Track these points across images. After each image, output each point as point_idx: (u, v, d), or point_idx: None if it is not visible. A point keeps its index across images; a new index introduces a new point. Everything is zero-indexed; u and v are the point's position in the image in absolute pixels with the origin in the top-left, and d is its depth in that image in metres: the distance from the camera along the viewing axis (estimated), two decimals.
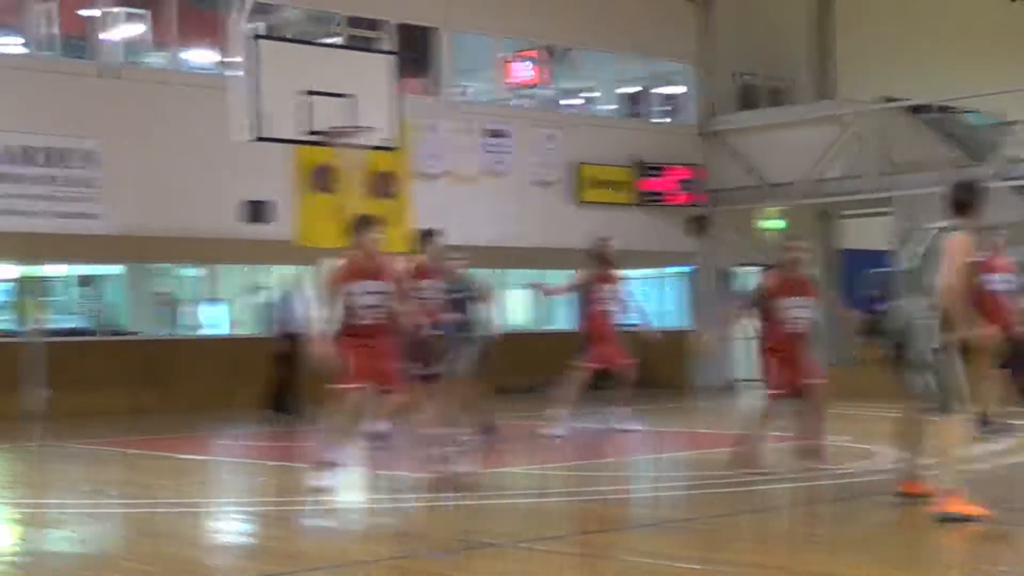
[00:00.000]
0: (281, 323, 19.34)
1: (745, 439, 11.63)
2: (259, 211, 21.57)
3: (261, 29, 19.02)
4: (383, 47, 18.55)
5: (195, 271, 22.29)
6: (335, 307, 10.78)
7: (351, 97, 17.03)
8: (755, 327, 12.11)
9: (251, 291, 22.85)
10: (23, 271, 20.73)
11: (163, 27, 21.67)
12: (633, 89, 28.03)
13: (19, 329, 20.49)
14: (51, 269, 21.77)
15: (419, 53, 24.66)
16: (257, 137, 16.62)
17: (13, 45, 21.10)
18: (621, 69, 26.94)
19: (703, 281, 27.30)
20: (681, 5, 27.19)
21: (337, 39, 22.35)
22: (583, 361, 15.56)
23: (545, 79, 26.75)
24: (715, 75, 27.59)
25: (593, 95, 28.39)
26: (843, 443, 13.45)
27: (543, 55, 26.56)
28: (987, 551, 8.44)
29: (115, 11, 21.28)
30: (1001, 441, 13.82)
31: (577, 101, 27.27)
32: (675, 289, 28.36)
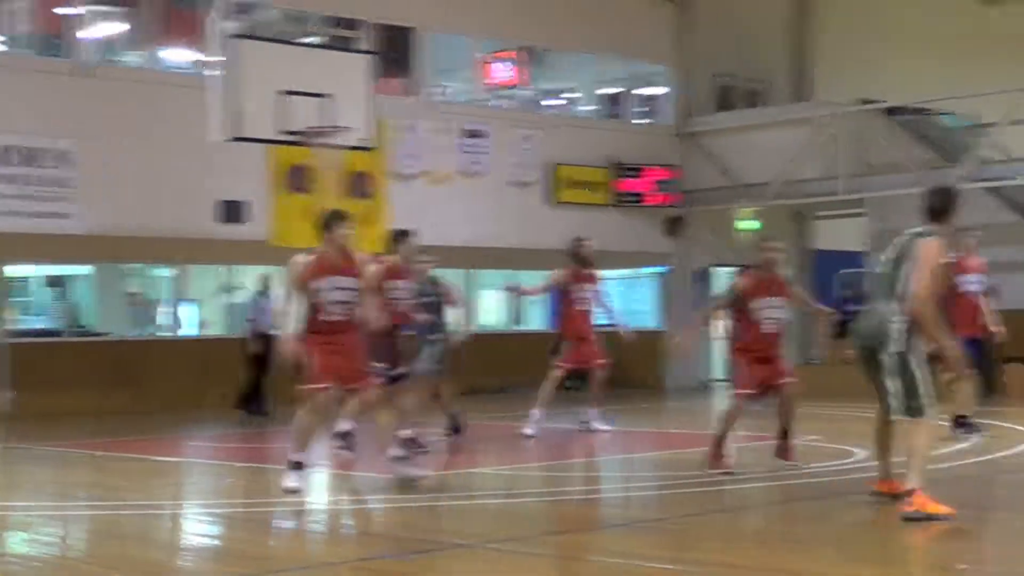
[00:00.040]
0: (254, 323, 19.33)
1: (714, 439, 11.63)
2: (233, 211, 21.51)
3: (238, 28, 18.91)
4: (361, 47, 18.48)
5: (166, 271, 22.19)
6: (302, 303, 10.75)
7: (328, 97, 16.98)
8: (727, 327, 12.12)
9: (223, 292, 22.79)
10: None
11: (138, 26, 21.59)
12: (611, 90, 28.04)
13: None
14: (19, 269, 21.62)
15: (397, 53, 24.63)
16: (233, 137, 16.55)
17: None
18: (599, 70, 26.93)
19: (678, 281, 27.33)
20: (659, 6, 27.21)
21: (315, 39, 22.30)
22: (559, 360, 15.59)
23: (523, 80, 26.75)
24: (693, 76, 27.63)
25: (571, 96, 28.39)
26: (814, 442, 13.47)
27: (521, 56, 26.56)
28: (954, 549, 8.46)
29: (90, 9, 21.19)
30: (970, 440, 13.89)
31: (555, 102, 27.25)
32: (650, 289, 28.38)
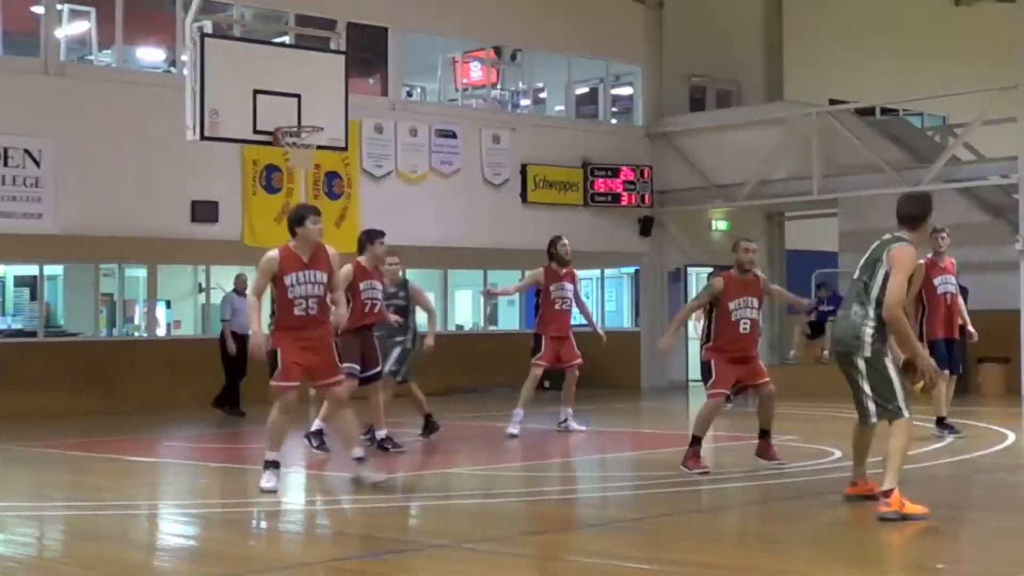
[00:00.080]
0: (230, 324, 19.26)
1: (691, 439, 11.65)
2: (204, 210, 21.42)
3: (209, 27, 18.86)
4: (333, 46, 18.43)
5: (138, 271, 22.09)
6: (274, 299, 10.73)
7: (301, 97, 16.96)
8: (701, 327, 12.15)
9: (196, 292, 22.71)
10: None
11: (109, 25, 21.47)
12: (583, 90, 28.06)
13: None
14: None
15: (369, 53, 24.61)
16: (204, 136, 16.50)
17: None
18: (571, 70, 26.93)
19: (650, 281, 27.37)
20: (631, 7, 27.22)
21: (286, 38, 22.24)
22: (537, 359, 15.64)
23: (495, 80, 26.75)
24: (664, 77, 27.66)
25: (543, 96, 28.39)
26: (790, 442, 13.50)
27: (493, 56, 26.56)
28: (932, 548, 8.50)
29: (60, 8, 21.08)
30: (945, 440, 13.97)
31: (526, 102, 27.24)
32: (622, 289, 28.43)
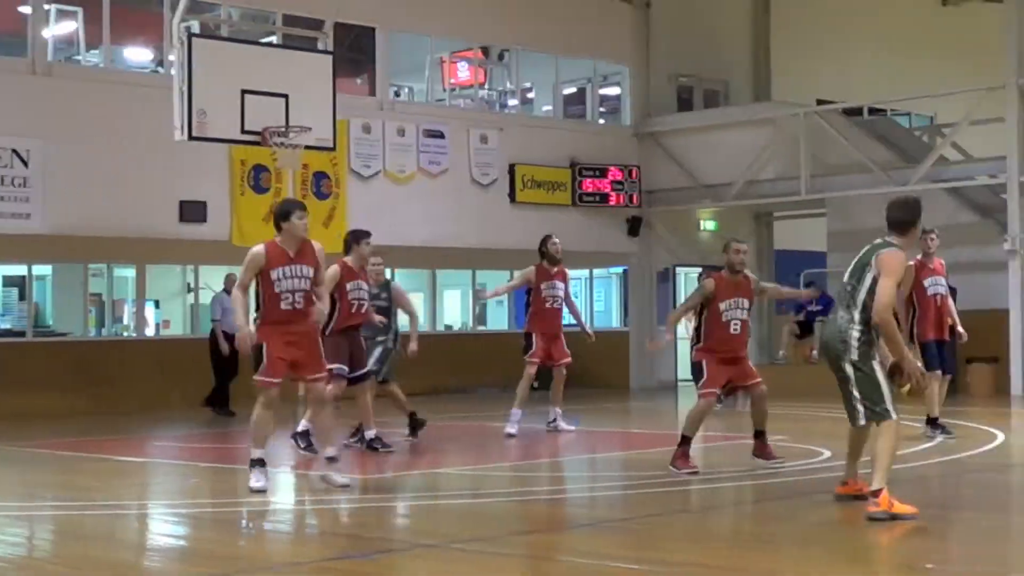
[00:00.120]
0: (220, 323, 19.23)
1: (681, 439, 11.66)
2: (193, 210, 21.40)
3: (197, 27, 18.86)
4: (320, 46, 18.44)
5: (127, 271, 22.06)
6: (260, 294, 10.74)
7: (288, 96, 16.96)
8: (691, 327, 12.16)
9: (185, 292, 22.68)
10: None
11: (96, 25, 21.45)
12: (570, 90, 28.07)
13: None
14: None
15: (357, 53, 24.60)
16: (192, 136, 16.50)
17: None
18: (558, 70, 26.95)
19: (639, 281, 27.39)
20: (618, 7, 27.25)
21: (274, 38, 22.22)
22: (529, 357, 15.67)
23: (482, 80, 26.75)
24: (652, 77, 27.68)
25: (530, 96, 28.40)
26: (780, 442, 13.49)
27: (481, 56, 26.57)
28: (921, 548, 8.51)
29: (48, 8, 21.06)
30: (935, 440, 13.99)
31: (514, 102, 27.25)
32: (610, 289, 28.45)
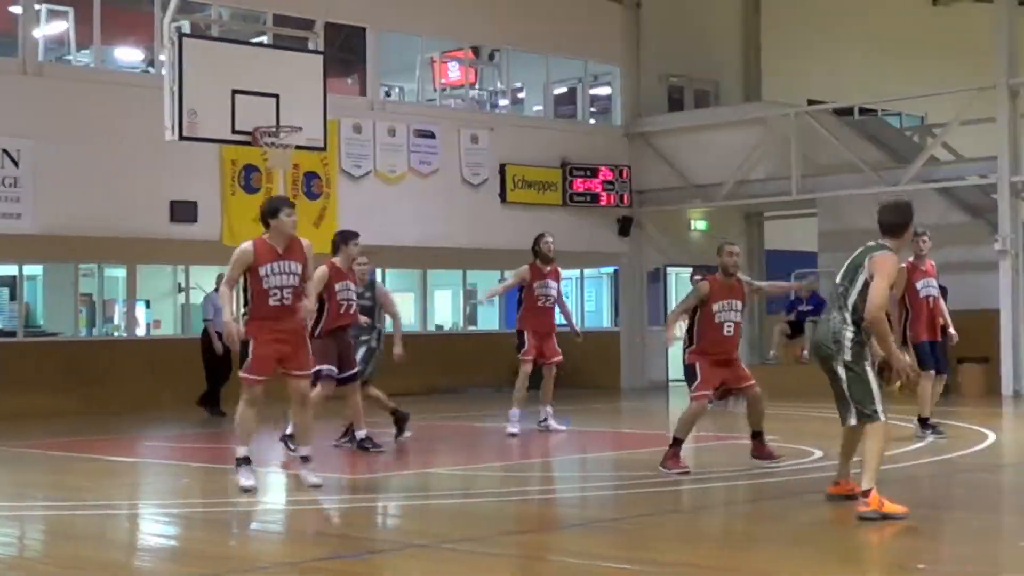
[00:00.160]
0: (212, 323, 19.21)
1: (673, 440, 11.66)
2: (184, 210, 21.37)
3: (187, 27, 18.84)
4: (311, 46, 18.43)
5: (118, 271, 22.03)
6: (248, 289, 10.74)
7: (278, 96, 16.96)
8: (684, 329, 12.16)
9: (176, 292, 22.66)
10: None
11: (87, 25, 21.41)
12: (561, 90, 28.08)
13: None
14: None
15: (347, 53, 24.59)
16: (183, 136, 16.49)
17: None
18: (549, 70, 26.95)
19: (629, 281, 27.40)
20: (609, 7, 27.26)
21: (264, 38, 22.20)
22: (523, 355, 15.70)
23: (473, 80, 26.75)
24: (642, 77, 27.70)
25: (521, 96, 28.40)
26: (770, 442, 13.50)
27: (471, 56, 26.57)
28: (912, 548, 8.52)
29: (38, 8, 21.02)
30: (926, 440, 14.01)
31: (505, 102, 27.25)
32: (601, 289, 28.46)
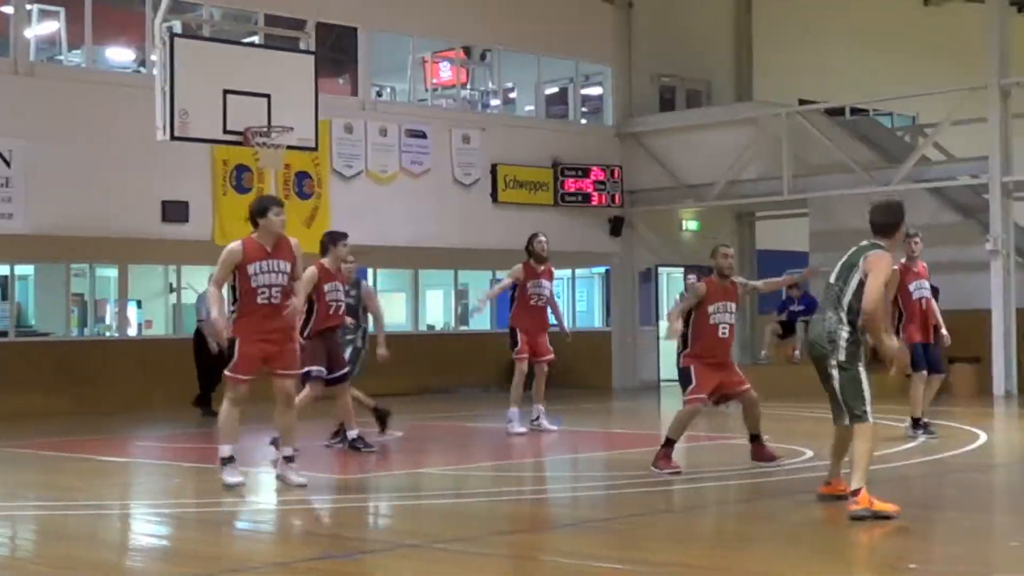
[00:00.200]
0: (205, 323, 19.19)
1: (665, 440, 11.67)
2: (175, 210, 21.36)
3: (179, 27, 18.83)
4: (302, 46, 18.43)
5: (109, 271, 22.02)
6: (237, 288, 10.74)
7: (270, 96, 16.96)
8: (677, 330, 12.16)
9: (167, 292, 22.63)
10: None
11: (78, 25, 21.39)
12: (552, 90, 28.09)
13: None
14: None
15: (339, 53, 24.58)
16: (174, 136, 16.49)
17: None
18: (540, 70, 26.96)
19: (621, 281, 27.42)
20: (600, 7, 27.27)
21: (256, 38, 22.20)
22: (517, 353, 15.70)
23: (464, 80, 26.75)
24: (633, 77, 27.71)
25: (512, 96, 28.40)
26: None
27: (463, 56, 26.57)
28: (903, 548, 8.54)
29: (29, 8, 21.00)
30: (917, 440, 14.04)
31: (496, 102, 27.25)
32: (593, 289, 28.48)
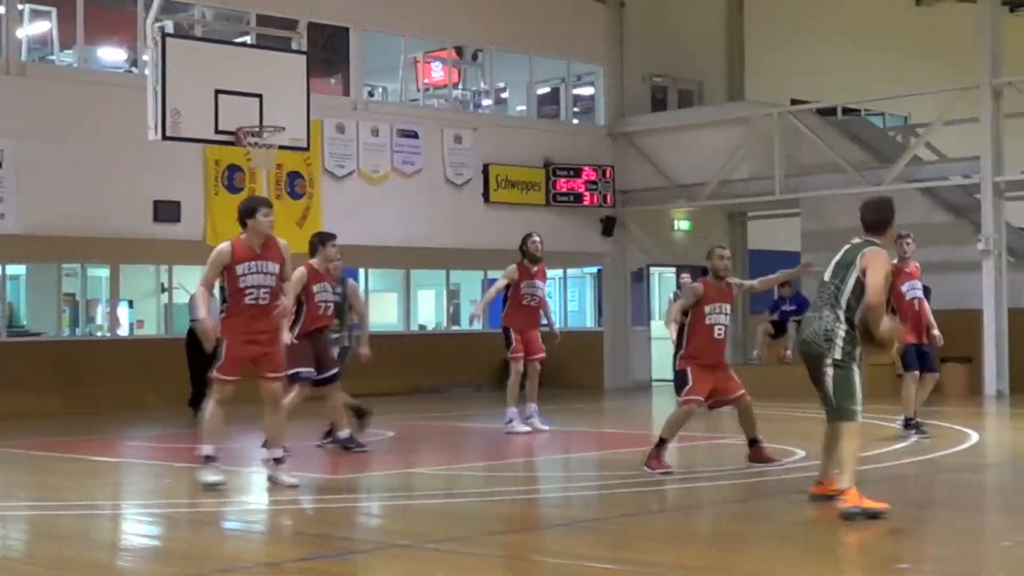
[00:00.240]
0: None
1: (658, 440, 11.68)
2: (167, 210, 21.35)
3: (171, 27, 18.83)
4: (294, 46, 18.43)
5: (101, 271, 21.99)
6: (225, 289, 10.75)
7: (261, 96, 16.96)
8: (673, 331, 12.18)
9: (159, 292, 22.61)
10: None
11: (70, 25, 21.39)
12: (544, 90, 28.10)
13: None
14: None
15: (330, 53, 24.58)
16: (166, 136, 16.49)
17: None
18: (532, 70, 26.97)
19: (613, 281, 27.44)
20: (592, 7, 27.29)
21: (248, 38, 22.19)
22: (512, 353, 15.73)
23: (456, 80, 26.76)
24: (625, 77, 27.72)
25: (504, 96, 28.42)
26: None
27: (455, 56, 26.57)
28: (895, 548, 8.53)
29: (21, 8, 20.98)
30: (909, 440, 14.06)
31: (488, 102, 27.25)
32: (585, 289, 28.48)
